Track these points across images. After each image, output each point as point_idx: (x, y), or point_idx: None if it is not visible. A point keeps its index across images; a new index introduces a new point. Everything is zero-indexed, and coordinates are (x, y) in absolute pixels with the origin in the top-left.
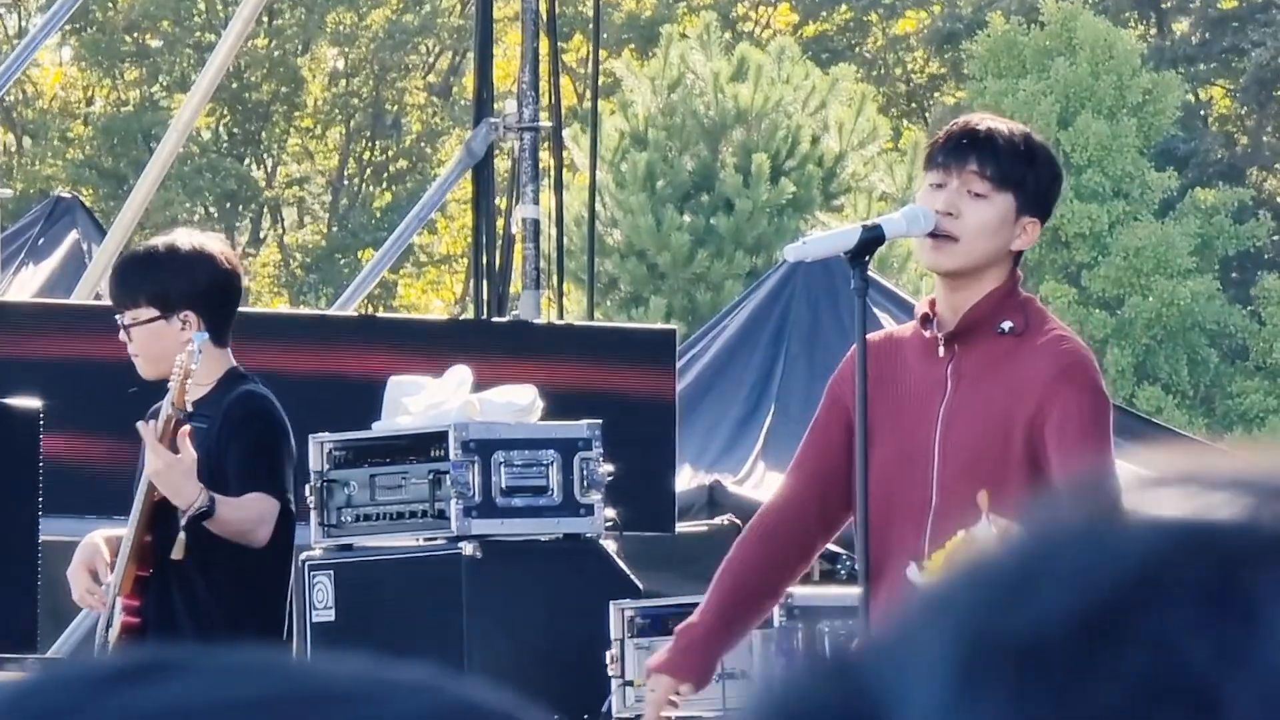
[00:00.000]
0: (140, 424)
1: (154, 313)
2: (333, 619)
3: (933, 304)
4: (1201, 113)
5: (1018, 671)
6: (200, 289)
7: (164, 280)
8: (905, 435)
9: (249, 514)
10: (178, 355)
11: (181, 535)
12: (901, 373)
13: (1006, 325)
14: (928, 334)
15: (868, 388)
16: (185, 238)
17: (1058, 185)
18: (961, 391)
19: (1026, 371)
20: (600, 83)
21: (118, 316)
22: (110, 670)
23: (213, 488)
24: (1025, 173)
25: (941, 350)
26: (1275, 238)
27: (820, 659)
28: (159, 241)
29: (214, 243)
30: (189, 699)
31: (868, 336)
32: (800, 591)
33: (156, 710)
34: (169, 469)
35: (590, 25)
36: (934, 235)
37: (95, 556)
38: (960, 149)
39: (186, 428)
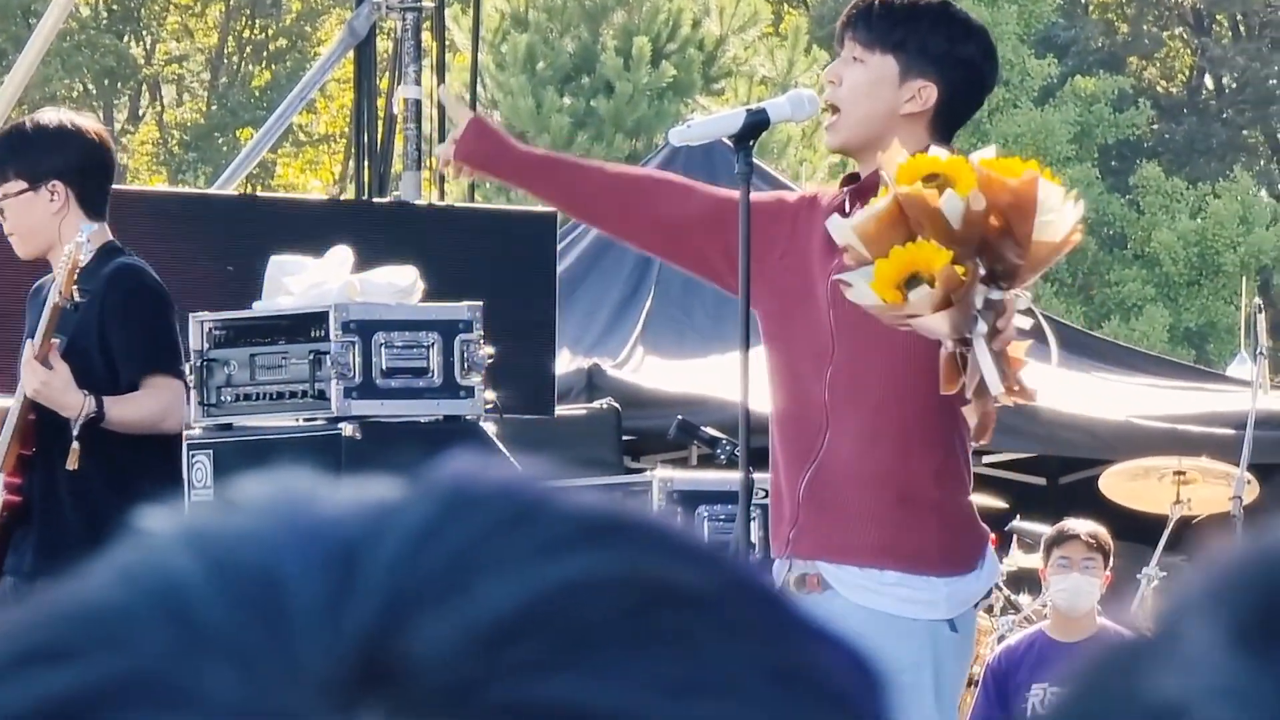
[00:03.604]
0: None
1: (22, 185)
2: (211, 499)
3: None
4: (1082, 0)
5: None
6: (68, 159)
7: (31, 152)
8: (813, 284)
9: (148, 408)
10: (67, 245)
11: (75, 445)
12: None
13: None
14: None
15: (799, 244)
16: (52, 114)
17: (963, 45)
18: None
19: None
20: None
21: None
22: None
23: (98, 366)
24: (904, 33)
25: (848, 209)
26: (1154, 126)
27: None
28: (25, 119)
29: (82, 119)
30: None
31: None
32: (679, 476)
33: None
34: (46, 386)
35: None
36: (829, 109)
37: None
38: (846, 20)
39: (55, 341)
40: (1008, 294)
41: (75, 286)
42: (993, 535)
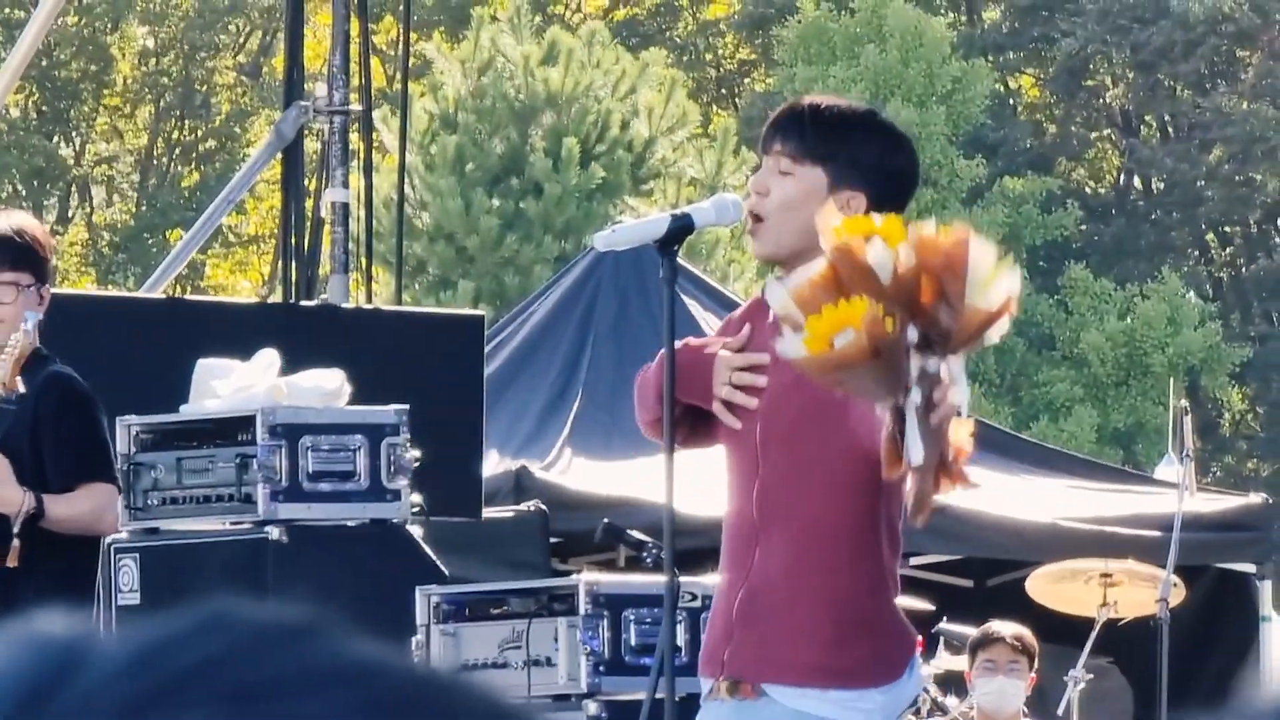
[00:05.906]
0: None
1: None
2: (138, 602)
3: None
4: (1011, 101)
5: None
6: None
7: None
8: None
9: (84, 508)
10: (12, 335)
11: (15, 542)
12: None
13: None
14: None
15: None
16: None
17: (893, 157)
18: (790, 370)
19: None
20: (410, 65)
21: None
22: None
23: (29, 468)
24: (837, 145)
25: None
26: (1083, 227)
27: None
28: None
29: (25, 220)
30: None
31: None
32: (605, 579)
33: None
34: None
35: (401, 7)
36: (752, 218)
37: None
38: (772, 129)
39: None
40: (943, 363)
41: (18, 381)
42: (919, 638)
